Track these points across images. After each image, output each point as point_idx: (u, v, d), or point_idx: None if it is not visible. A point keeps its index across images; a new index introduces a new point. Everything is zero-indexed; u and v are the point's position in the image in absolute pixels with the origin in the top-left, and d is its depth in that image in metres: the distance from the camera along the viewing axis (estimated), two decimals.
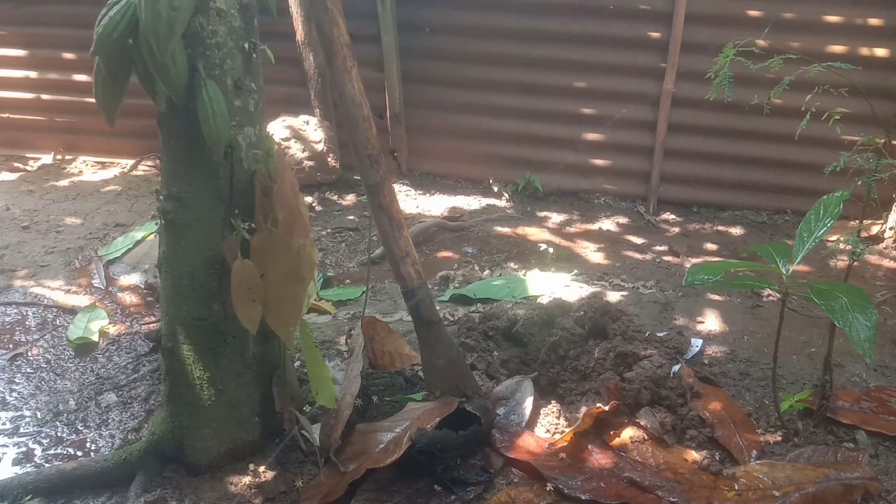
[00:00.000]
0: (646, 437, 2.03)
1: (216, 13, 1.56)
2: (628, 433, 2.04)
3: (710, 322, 2.81)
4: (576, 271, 3.43)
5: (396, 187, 4.16)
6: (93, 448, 2.11)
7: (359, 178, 2.23)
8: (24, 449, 2.10)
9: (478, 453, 1.93)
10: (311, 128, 4.40)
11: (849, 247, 1.90)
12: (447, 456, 1.85)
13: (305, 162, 4.37)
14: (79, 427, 2.21)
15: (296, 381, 2.07)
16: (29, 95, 5.00)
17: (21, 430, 2.19)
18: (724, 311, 2.90)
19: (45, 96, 4.98)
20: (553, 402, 2.21)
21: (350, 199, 4.50)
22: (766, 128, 3.99)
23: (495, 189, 4.57)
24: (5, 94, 5.01)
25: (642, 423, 2.06)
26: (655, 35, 4.05)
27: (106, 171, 4.98)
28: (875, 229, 3.84)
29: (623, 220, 4.25)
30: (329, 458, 1.87)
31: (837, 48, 3.82)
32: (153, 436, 1.91)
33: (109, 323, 2.88)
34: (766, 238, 4.01)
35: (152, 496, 1.82)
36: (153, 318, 2.92)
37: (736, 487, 1.83)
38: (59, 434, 2.17)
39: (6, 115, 5.09)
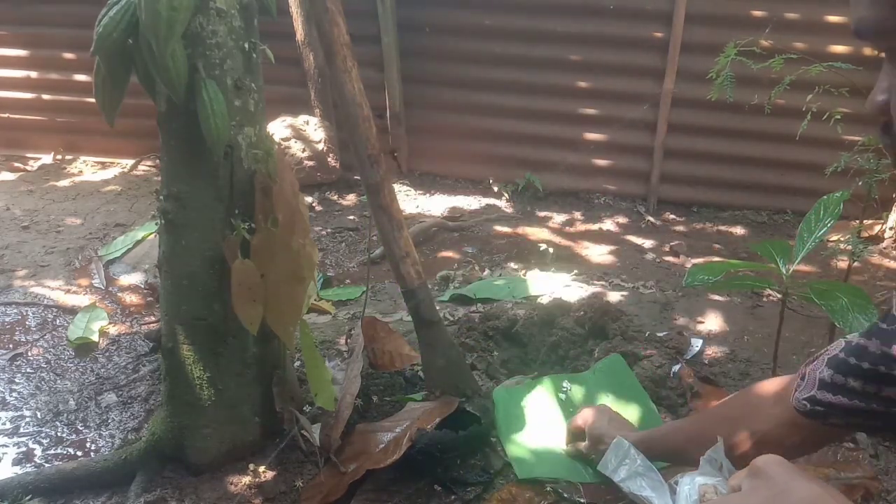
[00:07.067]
0: None
1: (216, 13, 1.56)
2: None
3: (711, 322, 2.81)
4: (576, 271, 3.42)
5: (396, 187, 4.16)
6: (93, 448, 2.11)
7: (359, 178, 2.23)
8: (24, 449, 2.10)
9: (478, 453, 1.93)
10: (312, 128, 4.40)
11: (849, 247, 1.90)
12: (447, 456, 1.85)
13: (305, 162, 4.37)
14: (79, 427, 2.20)
15: (296, 381, 2.07)
16: (29, 95, 5.00)
17: (21, 430, 2.19)
18: (724, 311, 2.90)
19: (45, 96, 4.99)
20: None
21: (350, 199, 4.50)
22: (767, 128, 3.99)
23: (495, 189, 4.57)
24: (5, 94, 5.02)
25: None
26: (655, 35, 4.05)
27: (106, 171, 4.98)
28: (875, 229, 3.85)
29: (623, 220, 4.25)
30: (329, 458, 1.87)
31: (839, 48, 3.82)
32: (153, 436, 1.91)
33: (109, 323, 2.88)
34: (767, 238, 4.01)
35: (152, 496, 1.81)
36: (153, 318, 2.92)
37: None
38: (59, 434, 2.17)
39: (6, 115, 5.09)
